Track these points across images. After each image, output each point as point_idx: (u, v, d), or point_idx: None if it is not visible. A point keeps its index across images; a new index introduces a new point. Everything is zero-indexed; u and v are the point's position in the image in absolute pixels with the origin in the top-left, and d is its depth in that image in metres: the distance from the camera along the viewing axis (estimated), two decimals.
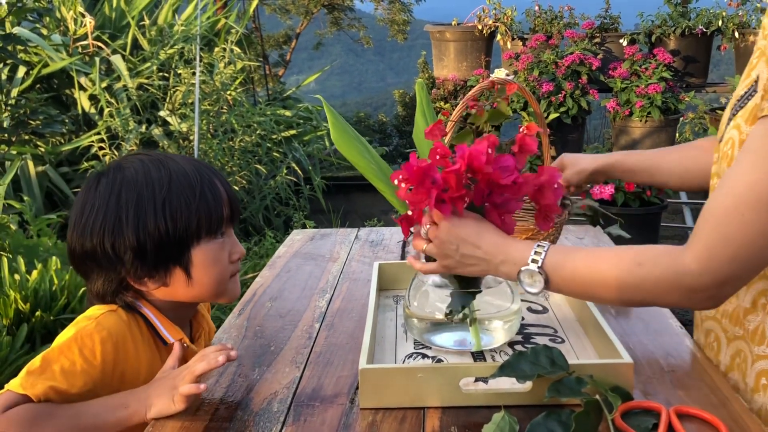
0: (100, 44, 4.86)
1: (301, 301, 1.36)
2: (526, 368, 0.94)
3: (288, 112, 5.71)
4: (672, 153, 1.37)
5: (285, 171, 4.85)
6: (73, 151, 4.53)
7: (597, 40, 4.82)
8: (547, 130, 1.47)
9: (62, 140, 4.58)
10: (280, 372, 1.08)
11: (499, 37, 5.03)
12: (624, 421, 0.88)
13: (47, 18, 5.01)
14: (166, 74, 4.84)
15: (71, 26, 4.96)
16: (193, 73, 4.46)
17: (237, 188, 4.52)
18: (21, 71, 4.55)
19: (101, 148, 4.43)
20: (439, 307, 1.08)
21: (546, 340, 1.15)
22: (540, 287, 0.96)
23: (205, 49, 5.05)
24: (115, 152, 4.39)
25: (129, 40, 5.03)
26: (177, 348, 1.08)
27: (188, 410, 0.97)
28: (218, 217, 1.13)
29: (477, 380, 0.98)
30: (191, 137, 4.40)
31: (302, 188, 4.95)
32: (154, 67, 4.79)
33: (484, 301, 1.09)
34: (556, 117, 4.42)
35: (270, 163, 4.92)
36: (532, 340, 1.15)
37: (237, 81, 4.94)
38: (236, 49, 5.01)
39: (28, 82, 4.51)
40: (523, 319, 1.21)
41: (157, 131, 4.64)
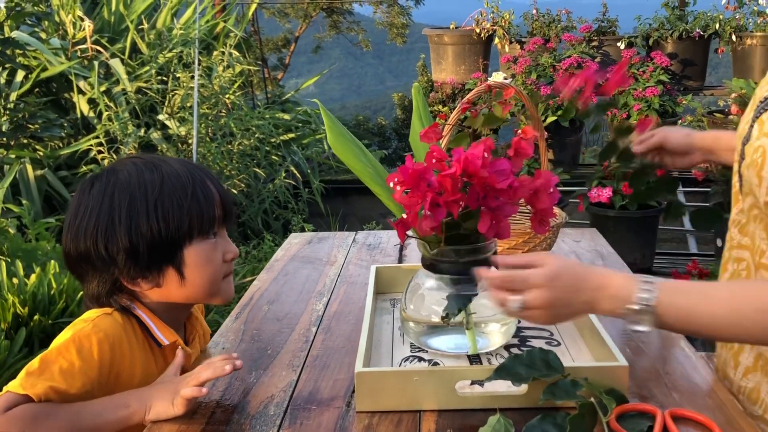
0: (98, 48, 4.87)
1: (299, 304, 1.37)
2: (522, 371, 0.94)
3: (287, 116, 5.72)
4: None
5: (284, 174, 4.86)
6: (71, 154, 4.53)
7: (595, 43, 4.83)
8: (545, 134, 1.48)
9: (61, 144, 4.58)
10: (276, 375, 1.08)
11: (497, 40, 5.05)
12: (619, 424, 0.89)
13: (46, 22, 5.02)
14: (164, 78, 4.85)
15: (70, 30, 4.97)
16: (192, 77, 4.47)
17: (235, 192, 4.52)
18: (20, 75, 4.55)
19: (100, 152, 4.43)
20: (435, 311, 1.08)
21: (542, 343, 1.16)
22: (650, 325, 0.91)
23: (203, 53, 5.05)
24: (114, 156, 4.39)
25: (128, 44, 5.04)
26: (180, 354, 1.09)
27: (185, 414, 0.98)
28: (210, 218, 1.14)
29: (473, 383, 0.98)
30: (190, 141, 4.40)
31: (301, 191, 4.95)
32: (153, 71, 4.79)
33: (481, 304, 1.09)
34: (554, 120, 4.43)
35: (269, 166, 4.93)
36: (528, 343, 1.16)
37: (236, 85, 4.95)
38: (235, 52, 5.02)
39: (26, 86, 4.52)
40: (519, 322, 1.21)
41: (155, 135, 4.64)
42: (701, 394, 0.99)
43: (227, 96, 4.79)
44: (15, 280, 2.34)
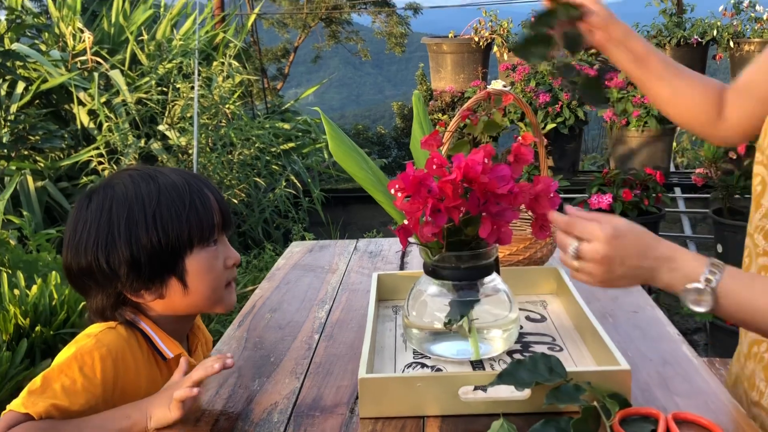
0: (98, 59, 4.88)
1: (301, 312, 1.37)
2: (525, 376, 0.94)
3: (287, 125, 5.73)
4: (686, 73, 1.27)
5: (284, 184, 4.86)
6: (72, 166, 4.54)
7: (593, 50, 4.84)
8: (544, 141, 1.48)
9: (61, 155, 4.59)
10: (280, 383, 1.08)
11: (495, 48, 5.06)
12: (622, 428, 0.89)
13: (46, 34, 5.04)
14: (164, 89, 4.86)
15: (70, 42, 4.98)
16: (192, 88, 4.48)
17: (236, 201, 4.53)
18: (20, 87, 4.56)
19: (100, 162, 4.44)
20: (437, 317, 1.08)
21: (544, 349, 1.16)
22: (708, 307, 0.92)
23: (203, 64, 5.07)
24: (114, 167, 4.40)
25: (128, 55, 5.06)
26: (183, 363, 1.09)
27: (188, 421, 0.98)
28: (209, 225, 1.15)
29: (476, 389, 0.98)
30: (190, 151, 4.41)
31: (301, 201, 4.96)
32: (153, 82, 4.81)
33: (483, 310, 1.10)
34: (553, 127, 4.44)
35: (269, 175, 4.93)
36: (530, 349, 1.16)
37: (235, 95, 4.96)
38: (234, 63, 5.03)
39: (27, 98, 4.53)
40: (521, 327, 1.21)
41: (156, 145, 4.65)
42: (704, 398, 1.00)
43: (227, 106, 4.80)
44: (16, 291, 2.34)
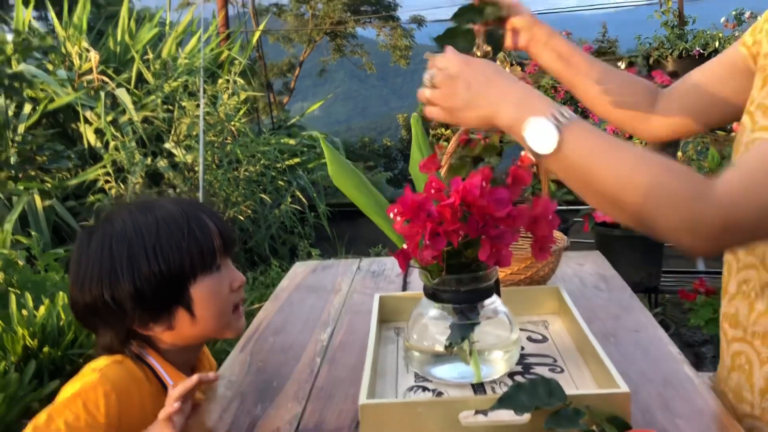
0: (105, 78, 4.92)
1: (304, 334, 1.38)
2: (525, 400, 0.94)
3: (292, 141, 5.76)
4: (614, 70, 1.30)
5: (290, 199, 4.89)
6: (79, 185, 4.57)
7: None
8: None
9: (68, 174, 4.62)
10: (282, 407, 1.09)
11: (498, 63, 5.07)
12: None
13: (52, 54, 5.09)
14: (170, 107, 4.90)
15: (76, 61, 5.03)
16: (197, 105, 4.51)
17: (242, 218, 4.55)
18: (27, 107, 4.61)
19: (107, 181, 4.47)
20: (438, 340, 1.09)
21: (545, 370, 1.16)
22: (549, 147, 0.86)
23: (208, 81, 5.10)
24: (121, 185, 4.43)
25: (133, 74, 5.10)
26: (170, 390, 1.09)
27: None
28: (210, 252, 1.16)
29: (476, 413, 0.99)
30: (196, 168, 4.44)
31: (307, 216, 4.98)
32: (159, 100, 4.85)
33: (484, 332, 1.10)
34: None
35: (275, 191, 4.96)
36: (531, 370, 1.16)
37: (241, 112, 4.99)
38: (239, 80, 5.07)
39: (34, 118, 4.57)
40: (522, 348, 1.22)
41: (162, 163, 4.68)
42: (705, 420, 1.00)
43: (233, 123, 4.83)
44: (24, 312, 2.36)
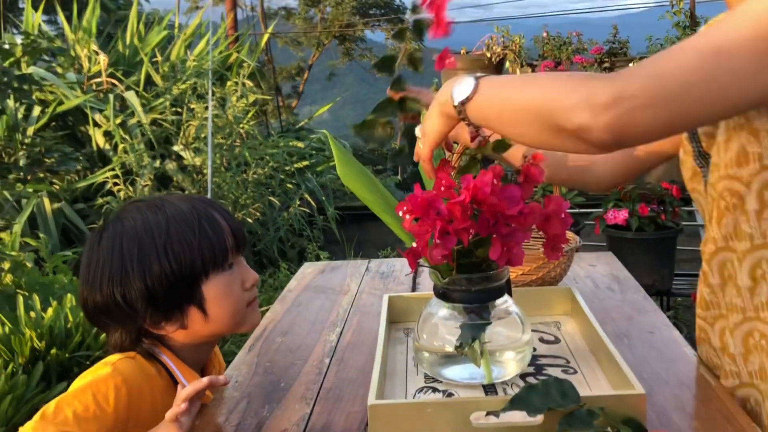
0: (114, 81, 4.93)
1: (312, 335, 1.36)
2: (537, 401, 0.92)
3: (300, 144, 5.75)
4: None
5: (298, 202, 4.87)
6: (88, 187, 4.58)
7: (606, 65, 4.82)
8: None
9: (77, 177, 4.63)
10: (290, 408, 1.07)
11: (508, 64, 5.05)
12: None
13: (62, 57, 5.10)
14: (179, 109, 4.90)
15: (85, 64, 5.04)
16: (206, 108, 4.51)
17: (251, 221, 4.54)
18: (36, 110, 4.62)
19: (116, 183, 4.47)
20: (449, 340, 1.07)
21: (558, 371, 1.14)
22: (467, 91, 0.98)
23: (217, 84, 5.10)
24: (130, 188, 4.43)
25: (142, 77, 5.11)
26: (179, 389, 1.08)
27: None
28: (222, 250, 1.15)
29: (488, 414, 0.97)
30: (205, 171, 4.44)
31: (316, 219, 4.96)
32: (168, 103, 4.85)
33: (495, 333, 1.08)
34: None
35: (283, 194, 4.95)
36: (544, 371, 1.14)
37: (249, 114, 4.99)
38: (248, 82, 5.06)
39: (43, 120, 4.58)
40: (534, 350, 1.20)
41: (171, 166, 4.68)
42: (721, 421, 0.97)
43: (241, 126, 4.83)
44: (32, 314, 2.35)
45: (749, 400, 1.03)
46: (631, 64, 4.73)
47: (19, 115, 4.38)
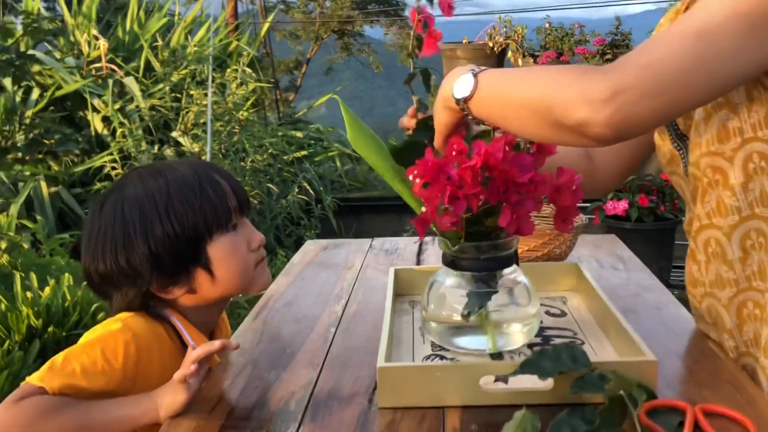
0: (113, 66, 4.90)
1: (317, 306, 1.35)
2: (548, 366, 0.91)
3: (299, 133, 5.73)
4: None
5: (296, 191, 4.86)
6: (85, 172, 4.55)
7: (608, 56, 4.81)
8: None
9: (75, 161, 4.61)
10: (296, 374, 1.06)
11: (510, 54, 5.04)
12: (649, 419, 0.86)
13: (61, 40, 5.07)
14: (178, 95, 4.88)
15: (85, 49, 5.02)
16: (205, 94, 4.49)
17: None
18: (35, 93, 4.59)
19: (114, 168, 4.45)
20: (456, 309, 1.06)
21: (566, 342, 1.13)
22: (467, 89, 0.98)
23: (217, 70, 5.08)
24: None
25: (142, 62, 5.08)
26: (189, 351, 1.08)
27: (203, 409, 0.96)
28: (225, 210, 1.14)
29: (497, 379, 0.96)
30: (203, 157, 4.42)
31: (313, 208, 4.95)
32: (167, 89, 4.83)
33: (502, 303, 1.07)
34: None
35: (281, 183, 4.93)
36: (551, 343, 1.13)
37: (249, 102, 4.97)
38: (248, 70, 5.04)
39: (42, 104, 4.55)
40: (541, 322, 1.19)
41: (169, 152, 4.66)
42: (732, 391, 0.97)
43: (240, 113, 4.81)
44: (29, 293, 2.33)
45: (746, 368, 1.03)
46: None
47: (18, 98, 4.36)
